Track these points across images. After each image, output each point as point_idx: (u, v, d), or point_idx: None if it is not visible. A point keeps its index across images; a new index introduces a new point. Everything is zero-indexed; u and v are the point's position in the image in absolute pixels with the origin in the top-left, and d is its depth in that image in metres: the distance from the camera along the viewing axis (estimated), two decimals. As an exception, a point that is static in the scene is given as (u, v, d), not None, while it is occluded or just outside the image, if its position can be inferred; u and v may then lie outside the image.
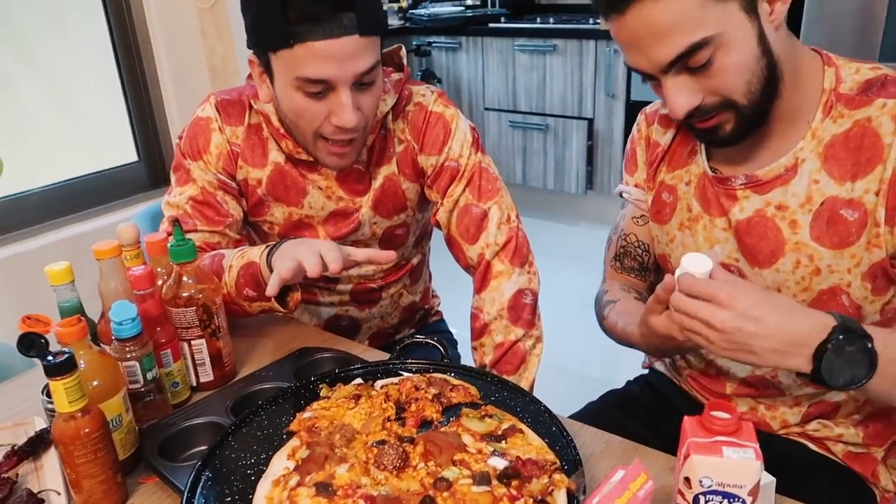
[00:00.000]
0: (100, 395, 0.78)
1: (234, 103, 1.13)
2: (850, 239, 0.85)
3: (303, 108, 0.99)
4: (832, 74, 0.87)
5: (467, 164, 1.13)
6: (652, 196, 1.06)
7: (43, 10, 2.16)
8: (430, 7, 3.96)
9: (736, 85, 0.81)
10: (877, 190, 0.82)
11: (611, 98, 3.23)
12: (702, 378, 1.06)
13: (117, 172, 2.11)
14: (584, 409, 1.17)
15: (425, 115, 1.13)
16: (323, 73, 0.94)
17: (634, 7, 0.78)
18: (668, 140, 1.03)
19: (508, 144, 3.65)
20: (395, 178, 1.16)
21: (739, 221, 0.92)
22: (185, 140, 1.13)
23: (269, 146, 1.13)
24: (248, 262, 1.01)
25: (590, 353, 2.51)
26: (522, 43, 3.40)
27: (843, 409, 0.96)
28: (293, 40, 0.93)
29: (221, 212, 1.12)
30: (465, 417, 0.80)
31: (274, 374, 0.97)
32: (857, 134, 0.84)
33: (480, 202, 1.13)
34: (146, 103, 2.11)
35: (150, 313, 0.90)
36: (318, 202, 1.15)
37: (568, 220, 3.64)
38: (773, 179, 0.89)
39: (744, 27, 0.79)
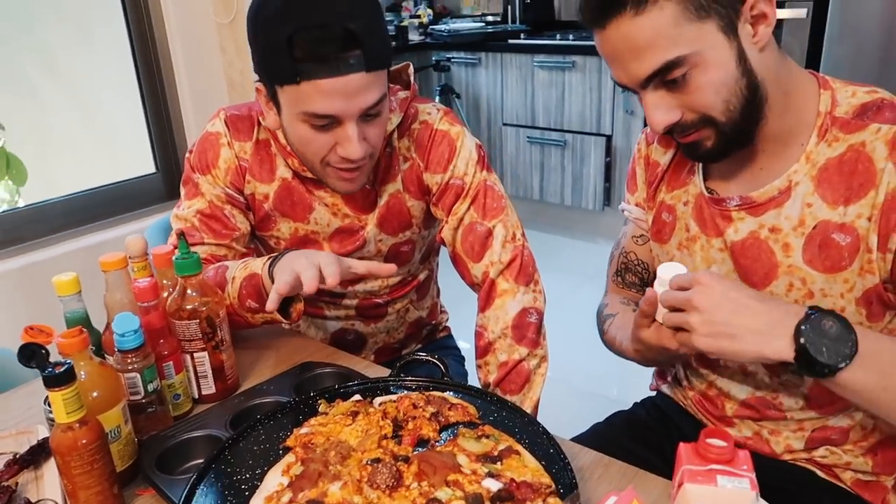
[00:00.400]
0: (99, 407, 0.79)
1: (243, 119, 1.14)
2: (843, 263, 0.84)
3: (309, 140, 1.00)
4: (828, 97, 0.86)
5: (472, 183, 1.13)
6: (652, 215, 1.06)
7: (69, 23, 2.22)
8: (451, 23, 3.99)
9: (713, 102, 0.82)
10: (869, 215, 0.81)
11: (629, 115, 3.22)
12: (704, 400, 1.04)
13: (135, 183, 2.14)
14: (590, 430, 1.15)
15: (431, 133, 1.14)
16: (329, 109, 0.95)
17: (613, 23, 0.80)
18: (668, 160, 1.03)
19: (526, 160, 3.65)
20: (401, 195, 1.16)
21: (734, 242, 0.92)
22: (195, 154, 1.15)
23: (276, 162, 1.14)
24: (251, 274, 1.02)
25: (604, 371, 2.48)
26: (542, 59, 3.41)
27: (851, 435, 0.93)
28: (300, 78, 0.93)
29: (229, 225, 1.13)
30: (462, 437, 0.79)
31: (274, 389, 0.97)
32: (850, 158, 0.83)
33: (485, 220, 1.12)
34: (164, 116, 2.14)
35: (154, 325, 0.91)
36: (324, 218, 1.15)
37: (585, 237, 3.62)
38: (767, 202, 0.89)
39: (721, 47, 0.80)
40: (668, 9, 0.78)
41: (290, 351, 1.12)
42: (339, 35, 0.91)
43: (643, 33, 0.79)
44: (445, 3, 4.38)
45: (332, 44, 0.91)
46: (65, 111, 2.25)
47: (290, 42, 0.91)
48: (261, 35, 0.96)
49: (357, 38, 0.91)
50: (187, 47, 2.05)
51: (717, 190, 0.95)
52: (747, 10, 0.80)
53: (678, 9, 0.78)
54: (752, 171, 0.91)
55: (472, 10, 4.17)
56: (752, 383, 0.97)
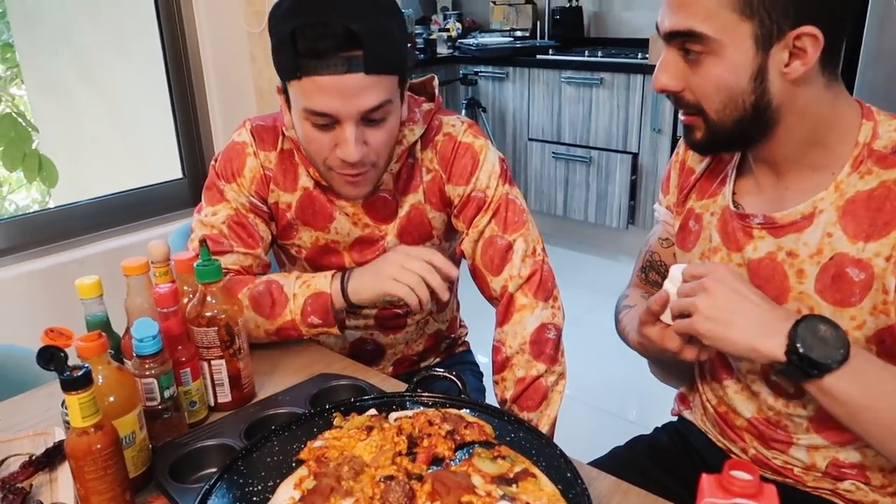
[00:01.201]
0: (114, 412, 0.79)
1: (268, 129, 1.16)
2: (853, 299, 0.82)
3: (311, 138, 1.02)
4: (869, 129, 0.84)
5: (494, 196, 1.13)
6: (679, 222, 1.05)
7: (106, 31, 2.26)
8: (480, 37, 4.01)
9: (711, 97, 0.83)
10: (888, 255, 0.79)
11: (656, 133, 3.19)
12: (717, 416, 1.03)
13: (162, 188, 2.17)
14: (610, 454, 1.13)
15: (454, 145, 1.14)
16: (326, 108, 0.96)
17: None
18: (703, 168, 1.03)
19: (551, 175, 3.63)
20: (422, 206, 1.16)
21: (751, 260, 0.91)
22: (221, 162, 1.16)
23: (299, 171, 1.14)
24: (318, 293, 1.06)
25: (623, 392, 2.45)
26: (569, 75, 3.40)
27: (869, 476, 0.90)
28: (300, 73, 0.95)
29: (254, 235, 1.15)
30: (478, 457, 0.78)
31: (290, 399, 0.96)
32: (880, 195, 0.81)
33: (506, 234, 1.12)
34: (193, 123, 2.17)
35: (173, 331, 0.91)
36: (345, 228, 1.16)
37: (608, 255, 3.59)
38: (789, 224, 0.87)
39: (745, 54, 0.79)
40: None
41: (307, 361, 1.11)
42: (339, 33, 0.93)
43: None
44: (475, 17, 4.40)
45: (331, 41, 0.93)
46: (98, 116, 2.29)
47: (294, 37, 0.94)
48: (273, 31, 1.00)
49: (357, 38, 0.93)
50: (218, 56, 2.07)
51: (744, 205, 0.94)
52: (792, 37, 0.78)
53: None
54: (780, 190, 0.90)
55: (501, 24, 4.18)
56: (756, 403, 0.96)
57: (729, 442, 1.02)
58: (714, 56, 0.80)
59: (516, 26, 4.10)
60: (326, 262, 1.19)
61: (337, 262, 1.19)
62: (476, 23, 4.38)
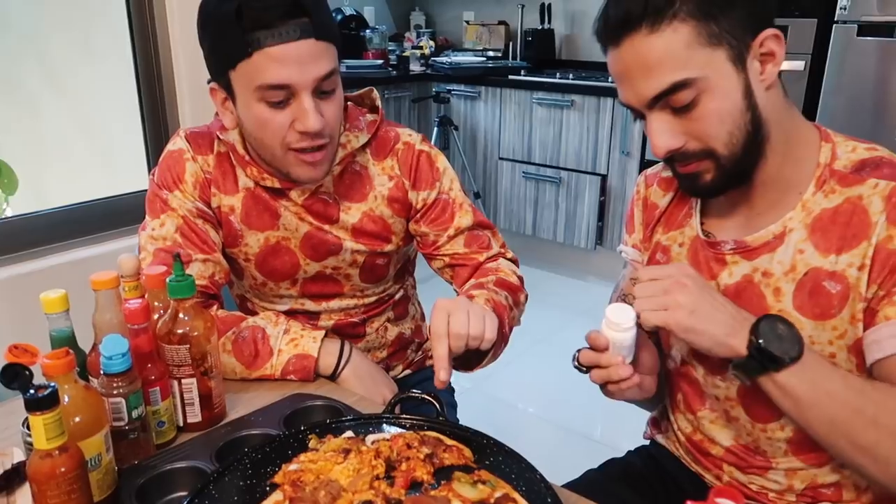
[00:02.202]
0: (80, 433, 0.75)
1: (202, 135, 1.17)
2: (832, 311, 0.85)
3: (266, 120, 1.01)
4: (828, 150, 0.88)
5: (457, 197, 1.21)
6: (647, 256, 1.06)
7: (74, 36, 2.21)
8: (452, 55, 4.03)
9: (717, 132, 0.83)
10: (860, 265, 0.83)
11: (625, 156, 3.24)
12: (690, 445, 1.04)
13: (127, 199, 2.10)
14: (584, 477, 1.13)
15: (414, 153, 1.19)
16: (283, 78, 0.97)
17: (628, 40, 0.82)
18: (667, 202, 1.04)
19: (521, 195, 3.65)
20: (379, 213, 1.18)
21: (728, 286, 0.93)
22: (159, 173, 1.15)
23: (237, 173, 1.15)
24: (304, 355, 1.06)
25: (593, 412, 2.46)
26: (541, 96, 3.43)
27: (844, 494, 0.92)
28: (251, 49, 0.96)
29: (207, 240, 1.13)
30: (457, 482, 0.77)
31: (263, 420, 0.94)
32: (846, 210, 0.85)
33: (485, 230, 1.23)
34: (163, 131, 2.12)
35: (143, 349, 0.88)
36: (292, 223, 1.16)
37: (576, 275, 3.62)
38: (761, 246, 0.90)
39: (730, 77, 0.82)
40: (682, 31, 0.80)
41: (280, 380, 1.08)
42: (285, 2, 0.95)
43: (655, 52, 0.81)
44: (448, 36, 4.43)
45: (279, 10, 0.95)
46: (62, 123, 2.23)
47: (240, 14, 0.95)
48: (210, 20, 1.00)
49: (303, 6, 0.96)
50: (191, 64, 2.04)
51: (714, 232, 0.96)
52: (757, 45, 0.82)
53: (692, 33, 0.80)
54: (749, 215, 0.92)
55: (474, 44, 4.21)
56: (734, 430, 0.97)
57: (703, 469, 1.03)
58: (707, 93, 0.82)
59: (489, 46, 4.14)
60: (279, 263, 1.19)
61: (290, 260, 1.18)
62: (449, 41, 4.41)
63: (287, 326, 1.09)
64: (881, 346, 0.81)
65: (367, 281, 1.25)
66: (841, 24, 2.56)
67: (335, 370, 1.08)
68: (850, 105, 2.62)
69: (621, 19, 0.82)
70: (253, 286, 1.24)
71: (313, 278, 1.22)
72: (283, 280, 1.21)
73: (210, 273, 1.13)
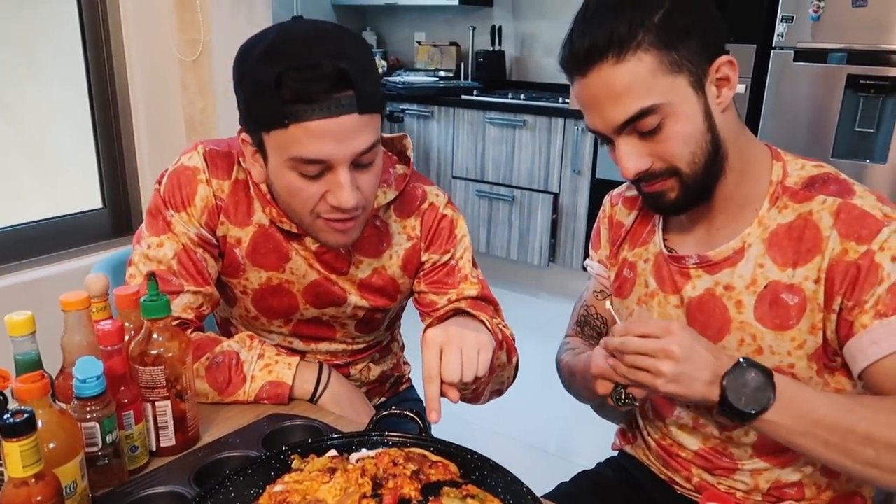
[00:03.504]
0: (56, 459, 0.73)
1: (223, 155, 1.09)
2: (790, 322, 0.90)
3: (298, 189, 0.95)
4: (780, 168, 0.94)
5: (465, 267, 1.16)
6: (615, 272, 1.11)
7: (15, 49, 2.13)
8: (405, 75, 4.06)
9: (682, 153, 0.88)
10: (816, 278, 0.88)
11: (576, 174, 3.32)
12: (660, 450, 1.07)
13: (79, 218, 2.04)
14: (557, 490, 1.14)
15: (436, 216, 1.15)
16: (320, 153, 0.91)
17: (595, 70, 0.86)
18: (631, 220, 1.09)
19: (474, 213, 3.69)
20: (391, 272, 1.15)
21: (692, 299, 0.97)
22: (168, 188, 1.07)
23: (254, 206, 1.09)
24: (278, 382, 1.03)
25: (548, 426, 2.48)
26: (493, 116, 3.49)
27: (806, 492, 0.97)
28: (288, 120, 0.89)
29: (203, 272, 1.08)
30: (446, 497, 0.77)
31: (241, 442, 0.92)
32: (799, 225, 0.90)
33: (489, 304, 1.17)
34: (117, 151, 2.07)
35: (116, 371, 0.85)
36: (301, 269, 1.11)
37: (529, 292, 3.66)
38: (723, 261, 0.95)
39: (691, 101, 0.87)
40: (646, 60, 0.85)
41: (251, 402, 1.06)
42: (330, 74, 0.88)
43: (622, 80, 0.85)
44: (399, 56, 4.47)
45: (323, 83, 0.88)
46: (5, 141, 2.14)
47: (279, 82, 0.88)
48: (247, 78, 0.93)
49: (348, 77, 0.88)
50: (148, 83, 2.00)
51: (675, 248, 1.01)
52: (713, 71, 0.88)
53: (655, 62, 0.85)
54: (710, 231, 0.97)
55: (425, 64, 4.26)
56: (701, 435, 1.01)
57: (672, 472, 1.06)
58: (671, 117, 0.86)
59: (441, 66, 4.19)
60: (277, 302, 1.14)
61: (289, 302, 1.14)
62: (401, 61, 4.44)
63: (261, 351, 1.06)
64: (865, 354, 0.85)
65: (361, 332, 1.22)
66: (778, 49, 2.70)
67: (313, 396, 1.05)
68: (788, 126, 2.75)
69: (588, 50, 0.86)
70: (244, 317, 1.19)
71: (308, 321, 1.18)
72: (276, 318, 1.17)
73: (199, 305, 1.08)
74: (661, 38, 0.84)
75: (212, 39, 2.05)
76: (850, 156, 2.63)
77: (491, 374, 1.01)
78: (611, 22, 0.84)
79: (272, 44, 0.92)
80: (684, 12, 0.86)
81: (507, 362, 1.09)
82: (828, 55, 2.60)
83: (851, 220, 0.86)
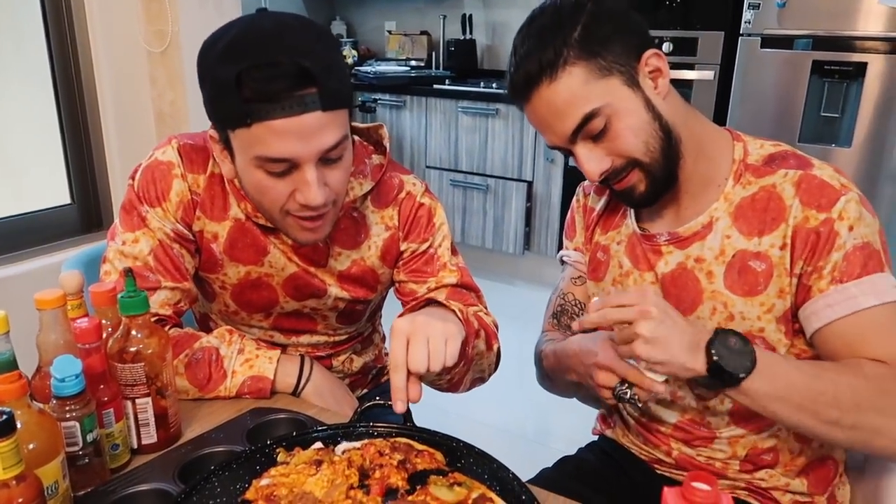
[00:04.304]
0: (36, 460, 0.71)
1: (197, 149, 1.07)
2: (759, 288, 0.95)
3: (266, 187, 0.94)
4: (741, 148, 1.00)
5: (443, 255, 1.16)
6: (589, 256, 1.15)
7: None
8: (376, 65, 4.03)
9: (635, 145, 0.94)
10: (781, 244, 0.94)
11: (549, 163, 3.33)
12: (640, 427, 1.10)
13: (47, 215, 2.00)
14: (540, 476, 1.15)
15: (414, 205, 1.15)
16: (284, 152, 0.89)
17: (535, 93, 0.94)
18: (602, 206, 1.14)
19: (449, 203, 3.69)
20: (370, 262, 1.15)
21: (665, 274, 1.03)
22: (142, 183, 1.06)
23: (230, 201, 1.08)
24: (259, 377, 1.02)
25: (526, 413, 2.50)
26: (466, 105, 3.49)
27: (781, 458, 1.01)
28: (250, 119, 0.87)
29: (180, 267, 1.07)
30: (434, 486, 0.77)
31: (225, 437, 0.91)
32: (763, 197, 0.96)
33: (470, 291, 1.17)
34: (85, 146, 2.02)
35: (95, 369, 0.84)
36: (280, 262, 1.11)
37: (505, 280, 3.68)
38: (692, 235, 1.00)
39: (628, 98, 0.94)
40: (576, 73, 0.91)
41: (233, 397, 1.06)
42: (291, 72, 0.86)
43: (560, 96, 0.92)
44: (370, 46, 4.43)
45: (284, 81, 0.86)
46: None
47: (239, 81, 0.86)
48: (209, 76, 0.91)
49: (311, 75, 0.86)
50: (115, 76, 1.95)
51: (648, 228, 1.06)
52: (643, 66, 0.95)
53: (584, 72, 0.92)
54: (678, 210, 1.02)
55: (396, 54, 4.23)
56: (679, 409, 1.05)
57: (652, 448, 1.09)
58: (615, 116, 0.93)
59: (412, 56, 4.17)
60: (256, 296, 1.14)
61: (269, 296, 1.14)
62: (371, 51, 4.41)
63: (241, 346, 1.05)
64: (818, 316, 0.92)
65: (343, 323, 1.22)
66: (746, 36, 2.73)
67: (295, 389, 1.05)
68: (755, 112, 2.79)
69: (524, 80, 0.94)
70: (223, 311, 1.18)
71: (288, 314, 1.17)
72: (257, 312, 1.16)
73: (176, 301, 1.07)
74: (584, 50, 0.91)
75: (180, 30, 2.02)
76: (816, 140, 2.68)
77: (467, 363, 1.01)
78: (537, 51, 0.92)
79: (233, 41, 0.89)
80: (599, 23, 0.92)
81: (487, 350, 1.09)
82: (794, 41, 2.65)
83: (812, 189, 0.92)
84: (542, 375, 1.18)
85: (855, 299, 0.90)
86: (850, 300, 0.90)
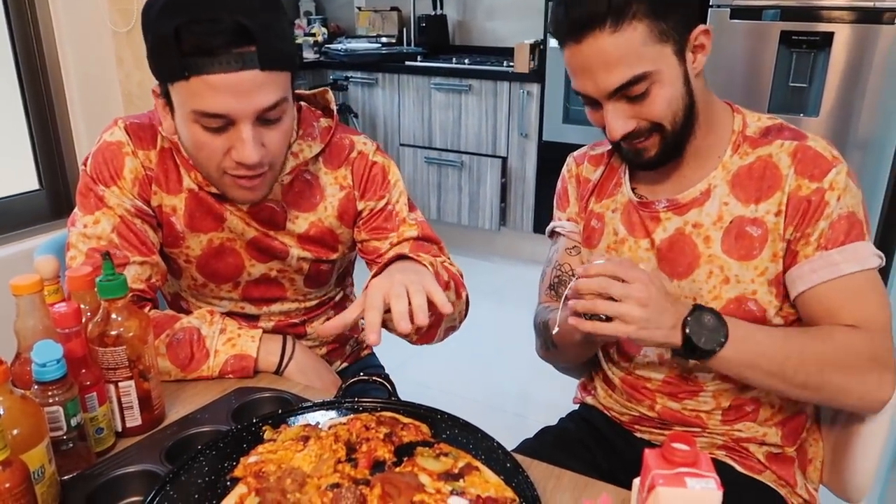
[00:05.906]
0: (21, 446, 0.71)
1: (144, 127, 1.09)
2: (754, 252, 0.99)
3: (202, 142, 0.95)
4: (740, 120, 1.04)
5: (402, 210, 1.17)
6: (583, 224, 1.16)
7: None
8: (346, 42, 3.98)
9: (665, 114, 0.96)
10: (777, 211, 0.97)
11: (524, 137, 3.34)
12: (626, 385, 1.12)
13: (15, 201, 1.95)
14: (521, 446, 1.17)
15: (367, 164, 1.16)
16: (220, 108, 0.91)
17: (591, 37, 0.91)
18: (598, 175, 1.15)
19: (424, 180, 3.68)
20: (327, 223, 1.15)
21: (662, 241, 1.05)
22: (94, 165, 1.07)
23: (181, 172, 1.09)
24: (242, 355, 1.03)
25: (505, 387, 2.54)
26: (439, 82, 3.47)
27: (761, 412, 1.05)
28: (188, 72, 0.89)
29: (146, 241, 1.08)
30: (420, 457, 0.78)
31: (210, 417, 0.92)
32: (759, 166, 1.00)
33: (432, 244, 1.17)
34: (52, 130, 1.97)
35: (76, 353, 0.84)
36: (238, 227, 1.12)
37: (482, 256, 3.70)
38: (690, 202, 1.03)
39: (674, 68, 0.95)
40: (640, 30, 0.91)
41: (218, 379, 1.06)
42: (229, 28, 0.88)
43: (618, 49, 0.91)
44: (339, 23, 4.37)
45: (223, 37, 0.88)
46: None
47: (178, 34, 0.88)
48: (150, 28, 0.93)
49: (250, 33, 0.88)
50: (79, 57, 1.90)
51: (646, 196, 1.08)
52: (693, 39, 0.96)
53: (646, 31, 0.91)
54: (677, 178, 1.05)
55: (367, 30, 4.18)
56: (666, 368, 1.08)
57: (636, 403, 1.11)
58: (658, 83, 0.93)
59: (382, 32, 4.12)
60: (222, 265, 1.15)
61: (235, 262, 1.15)
62: (341, 28, 4.35)
63: (223, 325, 1.06)
64: (803, 280, 0.96)
65: (311, 286, 1.22)
66: (715, 7, 2.75)
67: (278, 368, 1.06)
68: (725, 82, 2.82)
69: (584, 18, 0.90)
70: (192, 287, 1.19)
71: (256, 281, 1.18)
72: (224, 283, 1.17)
73: (147, 276, 1.08)
74: (652, 10, 0.90)
75: (145, 9, 1.97)
76: (784, 110, 2.72)
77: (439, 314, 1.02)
78: None
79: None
80: None
81: (457, 298, 1.11)
82: (762, 12, 2.67)
83: (807, 159, 0.96)
84: (543, 345, 1.19)
85: (837, 266, 0.94)
86: (833, 266, 0.94)
